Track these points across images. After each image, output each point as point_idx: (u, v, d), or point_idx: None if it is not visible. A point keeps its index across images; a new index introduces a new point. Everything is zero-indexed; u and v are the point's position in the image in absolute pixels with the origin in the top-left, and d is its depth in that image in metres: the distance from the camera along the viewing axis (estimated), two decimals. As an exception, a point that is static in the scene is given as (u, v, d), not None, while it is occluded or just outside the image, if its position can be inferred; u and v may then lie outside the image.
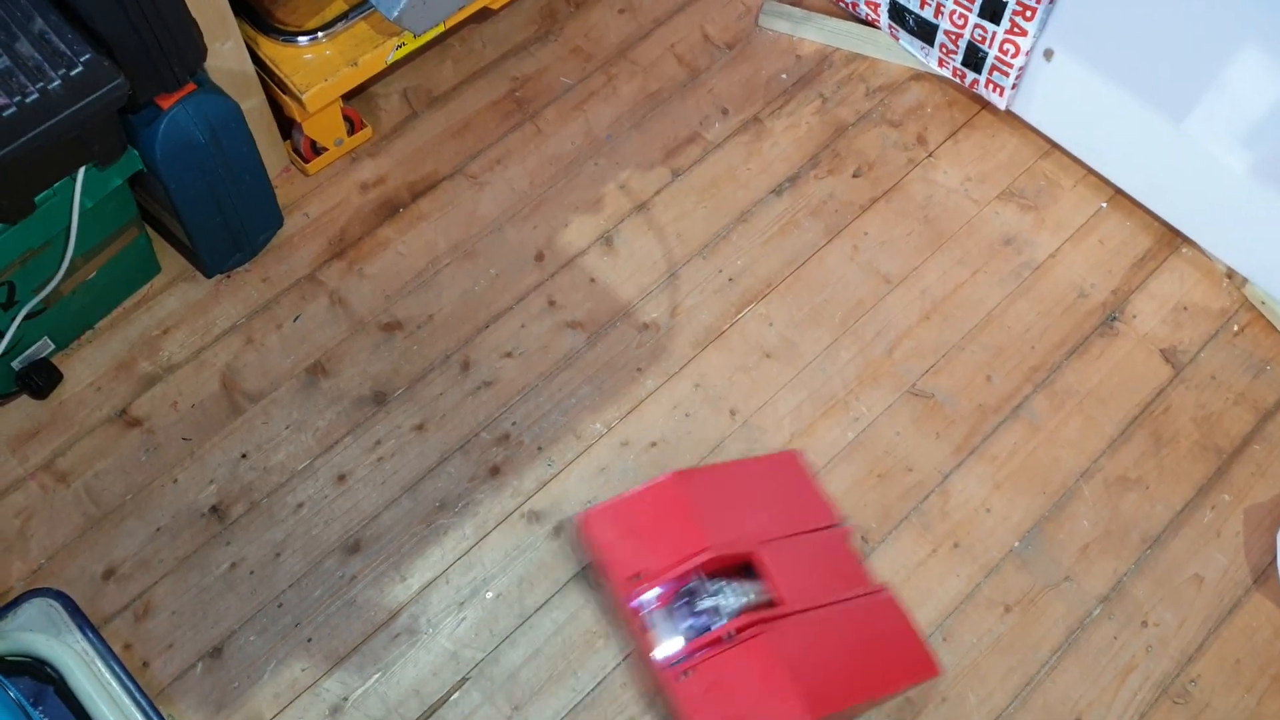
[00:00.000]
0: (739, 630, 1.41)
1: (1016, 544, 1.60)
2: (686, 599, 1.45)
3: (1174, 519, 1.62)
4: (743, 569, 1.48)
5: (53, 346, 1.68)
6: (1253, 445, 1.67)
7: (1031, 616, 1.55)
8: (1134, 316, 1.77)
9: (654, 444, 1.66)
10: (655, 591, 1.45)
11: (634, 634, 1.48)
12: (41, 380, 1.65)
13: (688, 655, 1.41)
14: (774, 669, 1.38)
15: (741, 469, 1.61)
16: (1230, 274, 1.80)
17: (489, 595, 1.55)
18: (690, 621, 1.44)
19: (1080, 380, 1.71)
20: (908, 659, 1.47)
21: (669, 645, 1.43)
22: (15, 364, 1.64)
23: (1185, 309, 1.78)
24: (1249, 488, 1.64)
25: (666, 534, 1.48)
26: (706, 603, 1.43)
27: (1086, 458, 1.66)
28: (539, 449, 1.66)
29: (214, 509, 1.60)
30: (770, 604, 1.44)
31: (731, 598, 1.43)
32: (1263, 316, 1.77)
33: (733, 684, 1.39)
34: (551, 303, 1.77)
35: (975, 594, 1.56)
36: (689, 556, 1.45)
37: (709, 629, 1.42)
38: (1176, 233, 1.82)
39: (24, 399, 1.67)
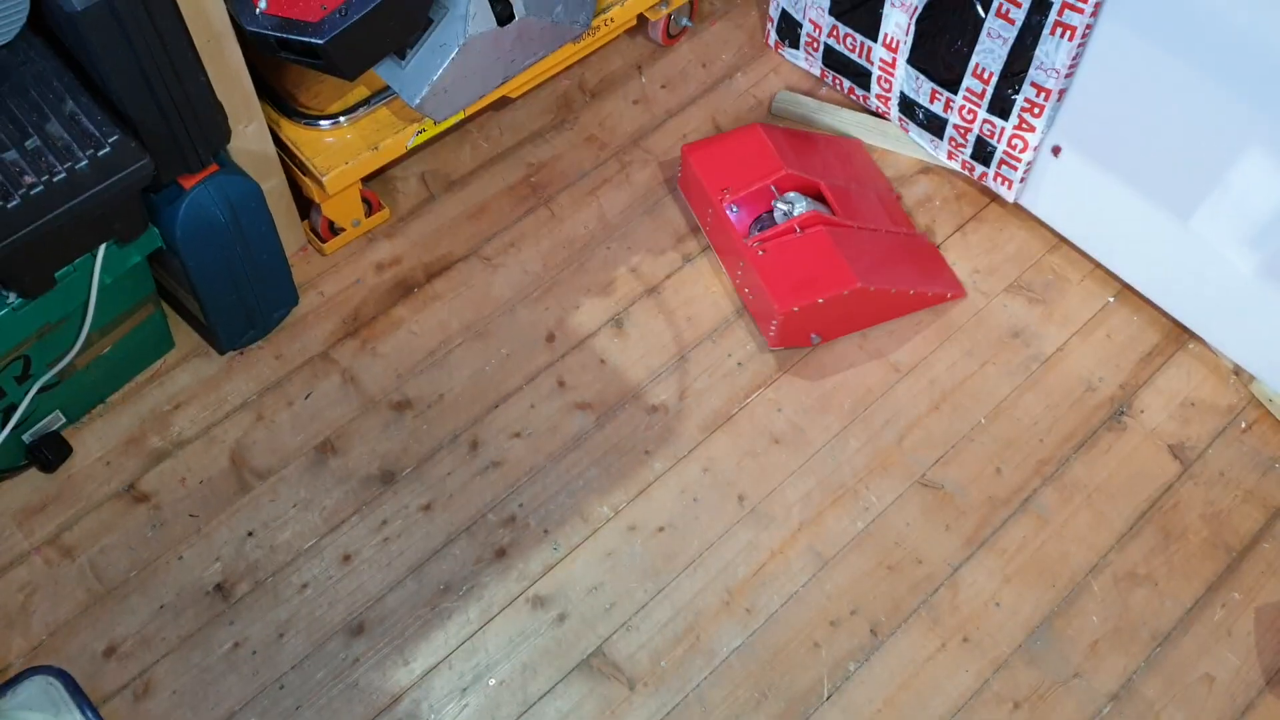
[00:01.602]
0: (804, 226, 1.79)
1: (1026, 639, 1.58)
2: (768, 213, 1.84)
3: (1184, 616, 1.61)
4: (814, 196, 1.86)
5: (64, 420, 1.69)
6: (1262, 543, 1.67)
7: (1041, 714, 1.53)
8: (1141, 411, 1.77)
9: (661, 529, 1.66)
10: (738, 209, 1.85)
11: (726, 236, 1.86)
12: (51, 454, 1.65)
13: (763, 240, 1.79)
14: (832, 251, 1.77)
15: (815, 138, 2.00)
16: (1237, 371, 1.80)
17: (492, 682, 1.54)
18: (769, 224, 1.83)
19: (1089, 474, 1.71)
20: (940, 278, 1.87)
21: (751, 231, 1.83)
22: (26, 437, 1.64)
23: (1193, 405, 1.78)
24: (1260, 586, 1.63)
25: (752, 163, 1.87)
26: (781, 206, 1.81)
27: (1095, 553, 1.65)
28: (545, 531, 1.65)
29: (218, 587, 1.59)
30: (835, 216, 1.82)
31: (801, 205, 1.81)
32: (1270, 414, 1.77)
33: (797, 258, 1.77)
34: (561, 384, 1.78)
35: (984, 690, 1.55)
36: (770, 177, 1.85)
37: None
38: (1183, 329, 1.84)
39: (32, 472, 1.67)
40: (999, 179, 1.91)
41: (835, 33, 1.99)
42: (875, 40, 1.92)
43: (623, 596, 1.60)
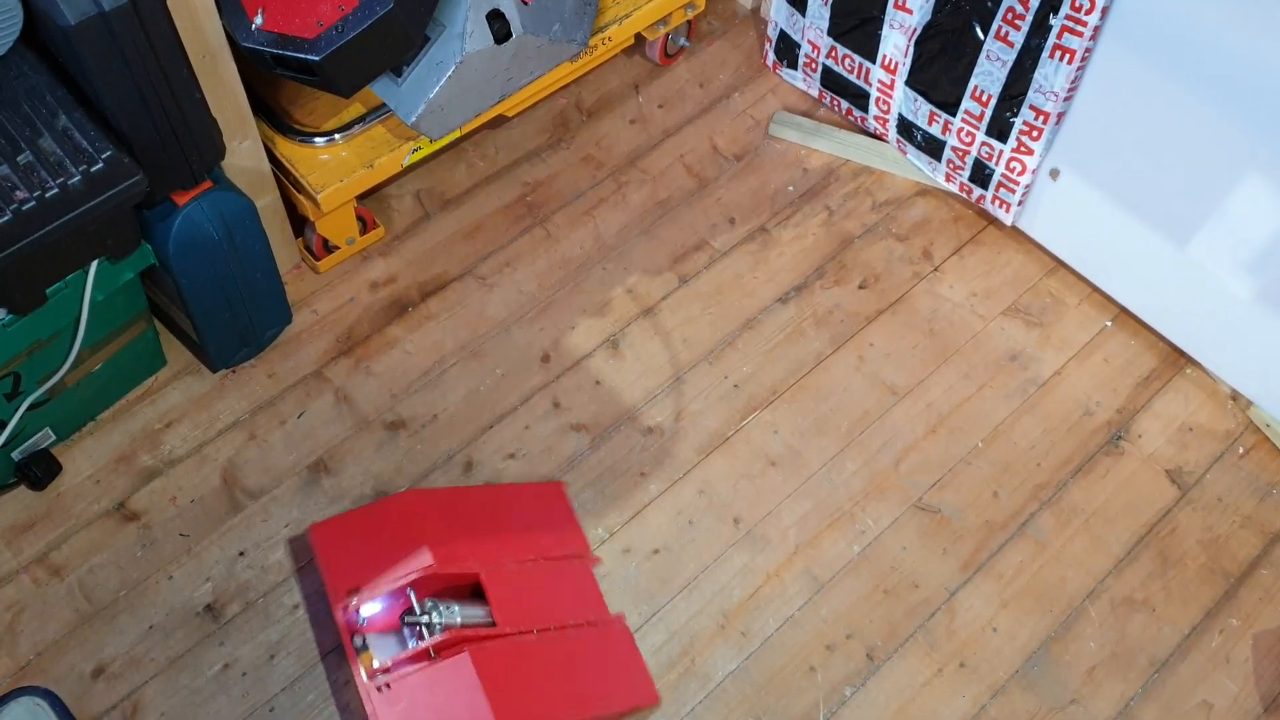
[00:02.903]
0: (442, 648, 1.39)
1: (1023, 665, 1.57)
2: (407, 620, 1.44)
3: (1182, 643, 1.60)
4: (473, 591, 1.47)
5: (54, 437, 1.67)
6: (1260, 569, 1.66)
7: (1038, 741, 1.52)
8: (1139, 436, 1.77)
9: (656, 551, 1.65)
10: (374, 607, 1.44)
11: (347, 651, 1.44)
12: (40, 471, 1.63)
13: (387, 670, 1.40)
14: (472, 687, 1.36)
15: (495, 494, 1.62)
16: (1235, 396, 1.80)
17: (485, 705, 1.52)
18: (404, 641, 1.43)
19: (1086, 499, 1.71)
20: (628, 684, 1.48)
21: (373, 660, 1.41)
22: (15, 455, 1.62)
23: (1190, 430, 1.77)
24: (1257, 613, 1.62)
25: (393, 550, 1.46)
26: (420, 619, 1.41)
27: (1093, 578, 1.64)
28: (540, 554, 1.64)
29: (208, 608, 1.58)
30: (488, 625, 1.42)
31: (442, 616, 1.41)
32: (1268, 439, 1.76)
33: (430, 700, 1.37)
34: (556, 405, 1.77)
35: (980, 716, 1.53)
36: (411, 573, 1.43)
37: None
38: (1181, 353, 1.83)
39: (21, 490, 1.66)
40: (997, 202, 1.91)
41: (834, 54, 1.99)
42: (874, 61, 1.92)
43: (617, 619, 1.59)
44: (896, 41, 1.86)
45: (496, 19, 1.67)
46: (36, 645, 1.54)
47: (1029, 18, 1.65)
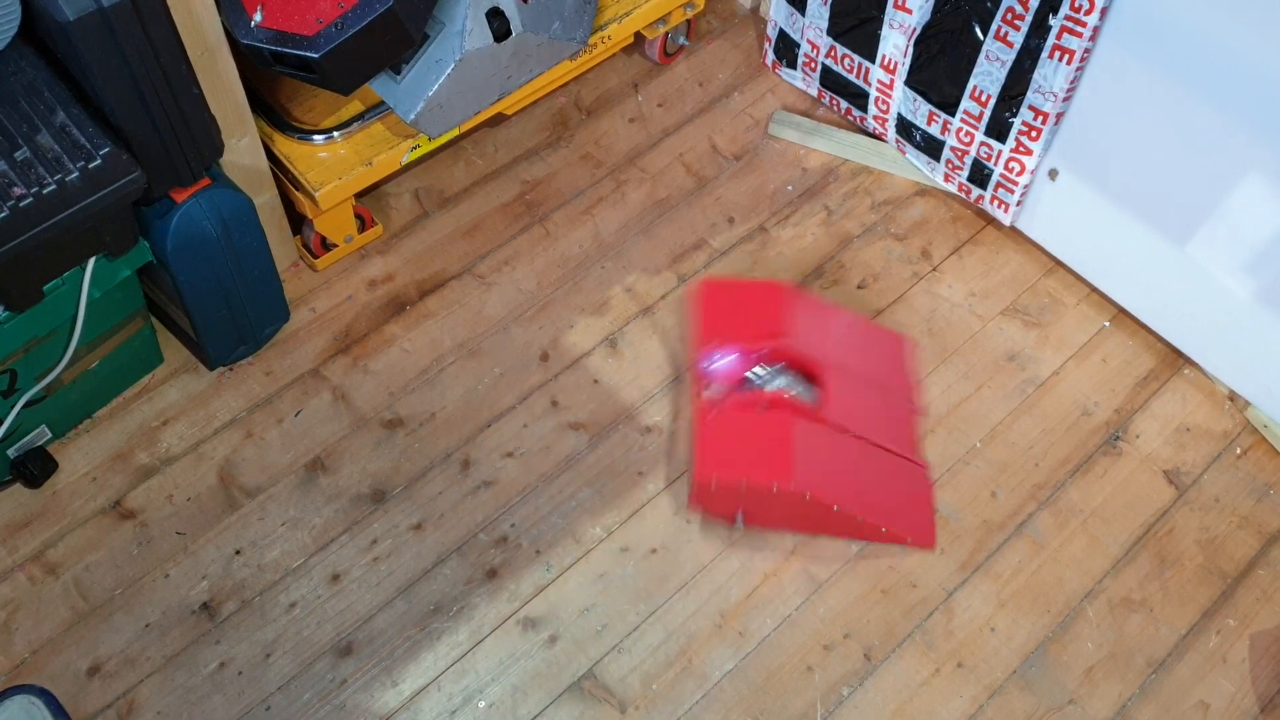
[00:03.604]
0: (772, 405, 1.62)
1: (1020, 665, 1.57)
2: (750, 377, 1.67)
3: (1179, 643, 1.60)
4: (811, 382, 1.67)
5: (50, 435, 1.67)
6: (1257, 570, 1.66)
7: (1036, 741, 1.52)
8: (1137, 436, 1.77)
9: (654, 550, 1.64)
10: (726, 360, 1.66)
11: (695, 390, 1.69)
12: (36, 469, 1.63)
13: (719, 402, 1.63)
14: (784, 441, 1.57)
15: (854, 318, 1.79)
16: (1233, 396, 1.80)
17: (481, 704, 1.52)
18: (742, 391, 1.66)
19: (1084, 499, 1.70)
20: (913, 519, 1.64)
21: (712, 392, 1.66)
22: (11, 452, 1.62)
23: (1188, 430, 1.77)
24: (1254, 613, 1.62)
25: (759, 323, 1.69)
26: (761, 377, 1.65)
27: (1091, 578, 1.64)
28: (537, 552, 1.63)
29: (204, 606, 1.57)
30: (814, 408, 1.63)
31: (779, 381, 1.65)
32: (1265, 440, 1.76)
33: (746, 433, 1.60)
34: (554, 403, 1.77)
35: (978, 716, 1.53)
36: (771, 342, 1.67)
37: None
38: (1179, 354, 1.83)
39: (17, 488, 1.65)
40: (995, 202, 1.91)
41: (833, 53, 1.99)
42: (873, 61, 1.92)
43: (615, 618, 1.59)
44: (896, 41, 1.86)
45: (496, 17, 1.66)
46: (32, 643, 1.53)
47: (1028, 18, 1.65)
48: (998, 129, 1.80)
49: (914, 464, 1.67)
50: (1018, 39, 1.68)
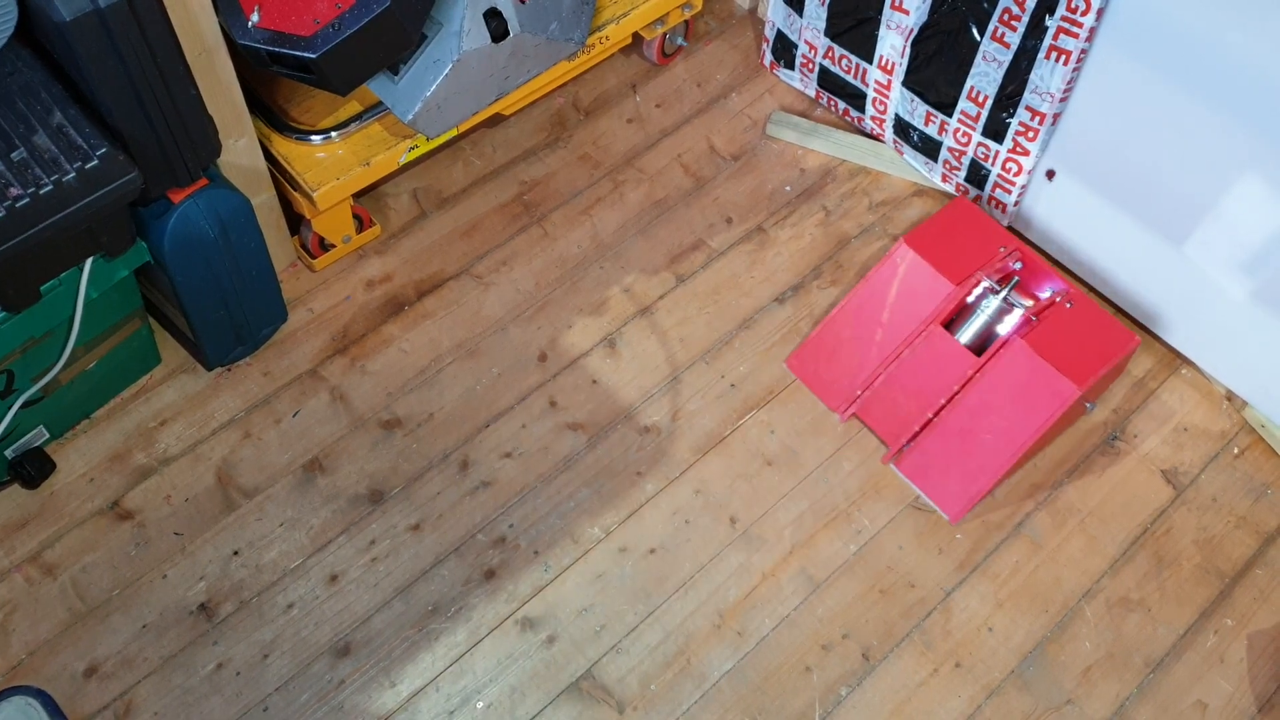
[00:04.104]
0: (1068, 298, 1.70)
1: (1018, 665, 1.57)
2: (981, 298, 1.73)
3: (1177, 643, 1.60)
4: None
5: (47, 435, 1.66)
6: (1255, 570, 1.66)
7: (1034, 741, 1.52)
8: (1135, 436, 1.77)
9: (652, 550, 1.64)
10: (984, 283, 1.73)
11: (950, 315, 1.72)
12: (34, 470, 1.63)
13: (1041, 312, 1.70)
14: (1102, 316, 1.68)
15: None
16: (1230, 396, 1.80)
17: (480, 705, 1.52)
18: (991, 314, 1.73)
19: (1082, 499, 1.71)
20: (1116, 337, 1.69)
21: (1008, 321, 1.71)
22: (9, 453, 1.62)
23: (1186, 430, 1.78)
24: (1252, 613, 1.62)
25: (979, 245, 1.74)
26: (1014, 296, 1.73)
27: (1088, 578, 1.64)
28: (535, 553, 1.63)
29: (202, 607, 1.57)
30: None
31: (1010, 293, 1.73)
32: (1263, 440, 1.77)
33: (1077, 331, 1.66)
34: (553, 404, 1.77)
35: (976, 716, 1.53)
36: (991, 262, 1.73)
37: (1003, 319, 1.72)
38: (1176, 354, 1.83)
39: (14, 488, 1.65)
40: (993, 202, 1.91)
41: (830, 54, 1.99)
42: (870, 62, 1.92)
43: (613, 619, 1.58)
44: (893, 42, 1.86)
45: (494, 17, 1.66)
46: (29, 644, 1.53)
47: (1025, 19, 1.65)
48: (995, 129, 1.80)
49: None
50: (1014, 40, 1.68)
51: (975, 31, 1.73)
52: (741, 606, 1.60)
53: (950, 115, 1.85)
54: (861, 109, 2.02)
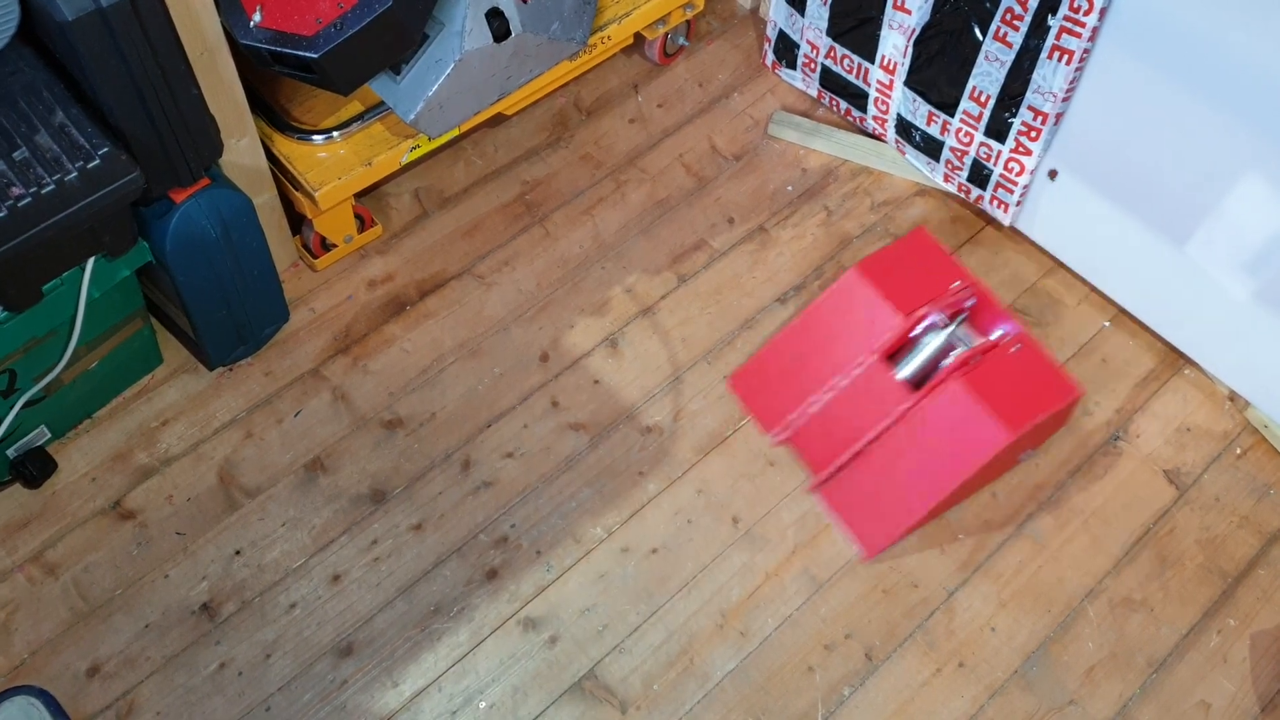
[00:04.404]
0: (1015, 341, 1.64)
1: (1021, 665, 1.57)
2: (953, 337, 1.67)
3: (1180, 643, 1.60)
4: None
5: (49, 435, 1.66)
6: (1258, 570, 1.66)
7: (1037, 741, 1.52)
8: (1137, 436, 1.77)
9: (655, 550, 1.64)
10: (938, 323, 1.66)
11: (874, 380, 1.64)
12: (36, 469, 1.63)
13: (976, 359, 1.63)
14: (1046, 364, 1.63)
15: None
16: (1233, 396, 1.80)
17: (482, 705, 1.51)
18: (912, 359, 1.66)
19: (1084, 499, 1.70)
20: (1055, 386, 1.65)
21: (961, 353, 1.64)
22: (10, 452, 1.62)
23: (1188, 430, 1.77)
24: (1255, 613, 1.62)
25: (932, 279, 1.68)
26: (959, 331, 1.66)
27: (1091, 578, 1.64)
28: (538, 553, 1.63)
29: (204, 607, 1.57)
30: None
31: (959, 330, 1.66)
32: (1265, 440, 1.76)
33: (1017, 377, 1.61)
34: (555, 404, 1.77)
35: (979, 716, 1.53)
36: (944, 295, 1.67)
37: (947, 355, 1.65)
38: (1179, 354, 1.83)
39: (16, 488, 1.65)
40: (995, 202, 1.91)
41: (832, 54, 1.99)
42: (872, 62, 1.92)
43: (615, 619, 1.58)
44: (895, 42, 1.86)
45: (495, 17, 1.66)
46: (31, 644, 1.53)
47: (1027, 18, 1.65)
48: (997, 129, 1.80)
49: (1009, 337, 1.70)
50: (1017, 39, 1.68)
51: (978, 31, 1.72)
52: (744, 606, 1.60)
53: (952, 115, 1.85)
54: (863, 109, 2.02)
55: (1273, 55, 1.44)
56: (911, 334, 1.66)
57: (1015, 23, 1.67)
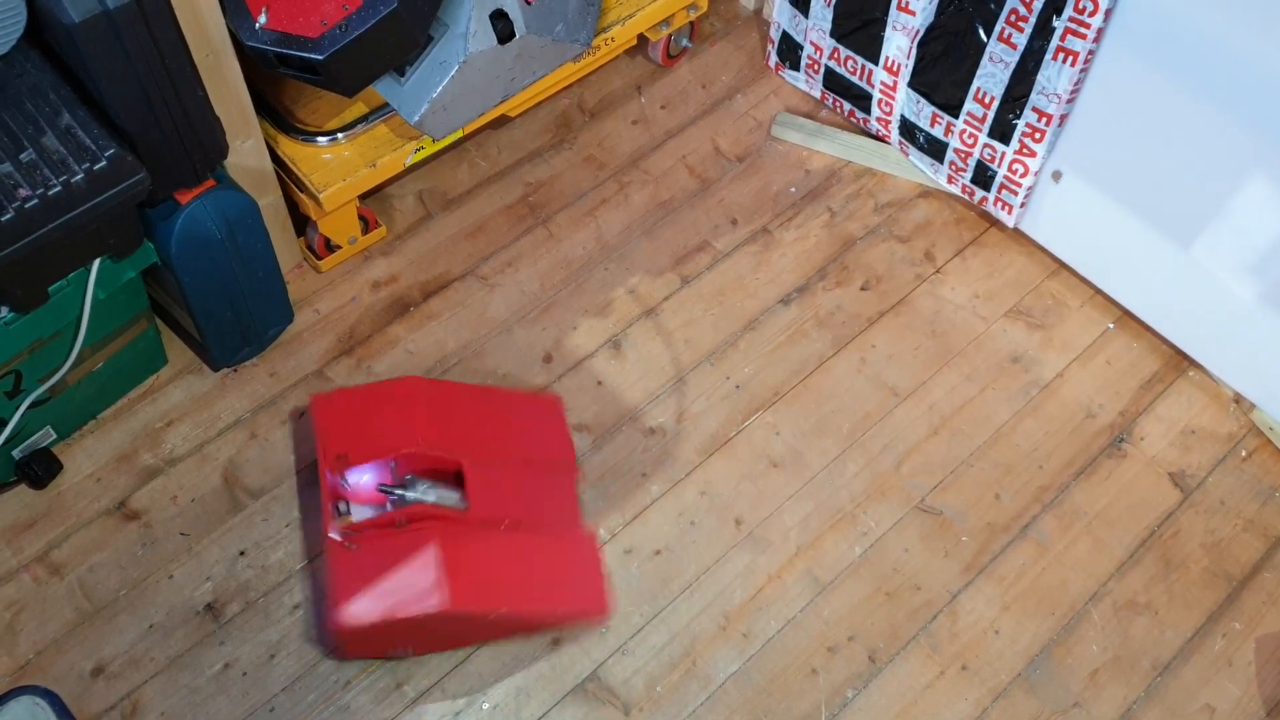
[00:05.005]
0: (411, 520, 1.46)
1: (1025, 668, 1.57)
2: (384, 490, 1.51)
3: (1184, 646, 1.59)
4: (455, 479, 1.52)
5: (54, 436, 1.67)
6: (1263, 573, 1.65)
7: (1040, 744, 1.52)
8: (1142, 439, 1.76)
9: (658, 552, 1.64)
10: (359, 476, 1.51)
11: (324, 511, 1.49)
12: (41, 470, 1.63)
13: (356, 529, 1.47)
14: (430, 557, 1.42)
15: (492, 395, 1.68)
16: (1238, 399, 1.80)
17: (485, 706, 1.52)
18: (382, 511, 1.50)
19: (1089, 501, 1.70)
20: (583, 594, 1.54)
21: (346, 521, 1.49)
22: (16, 453, 1.62)
23: (1193, 432, 1.77)
24: (1260, 616, 1.62)
25: (386, 427, 1.53)
26: (396, 491, 1.48)
27: (1095, 581, 1.64)
28: (541, 554, 1.63)
29: (209, 607, 1.57)
30: (459, 510, 1.49)
31: (417, 491, 1.48)
32: (1271, 442, 1.76)
33: (390, 565, 1.43)
34: (558, 406, 1.77)
35: (982, 719, 1.53)
36: (400, 449, 1.51)
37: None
38: (1184, 356, 1.83)
39: (22, 488, 1.65)
40: (999, 204, 1.90)
41: (836, 55, 1.99)
42: (876, 63, 1.92)
43: (619, 620, 1.58)
44: (899, 43, 1.86)
45: (500, 19, 1.66)
46: (36, 644, 1.54)
47: (1032, 20, 1.65)
48: (1001, 131, 1.80)
49: (577, 535, 1.59)
50: (1021, 40, 1.68)
51: (982, 33, 1.72)
52: (747, 608, 1.60)
53: (956, 116, 1.85)
54: (867, 110, 2.02)
55: (1277, 56, 1.44)
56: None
57: (1020, 24, 1.67)
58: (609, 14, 1.94)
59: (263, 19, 1.56)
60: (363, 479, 1.51)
